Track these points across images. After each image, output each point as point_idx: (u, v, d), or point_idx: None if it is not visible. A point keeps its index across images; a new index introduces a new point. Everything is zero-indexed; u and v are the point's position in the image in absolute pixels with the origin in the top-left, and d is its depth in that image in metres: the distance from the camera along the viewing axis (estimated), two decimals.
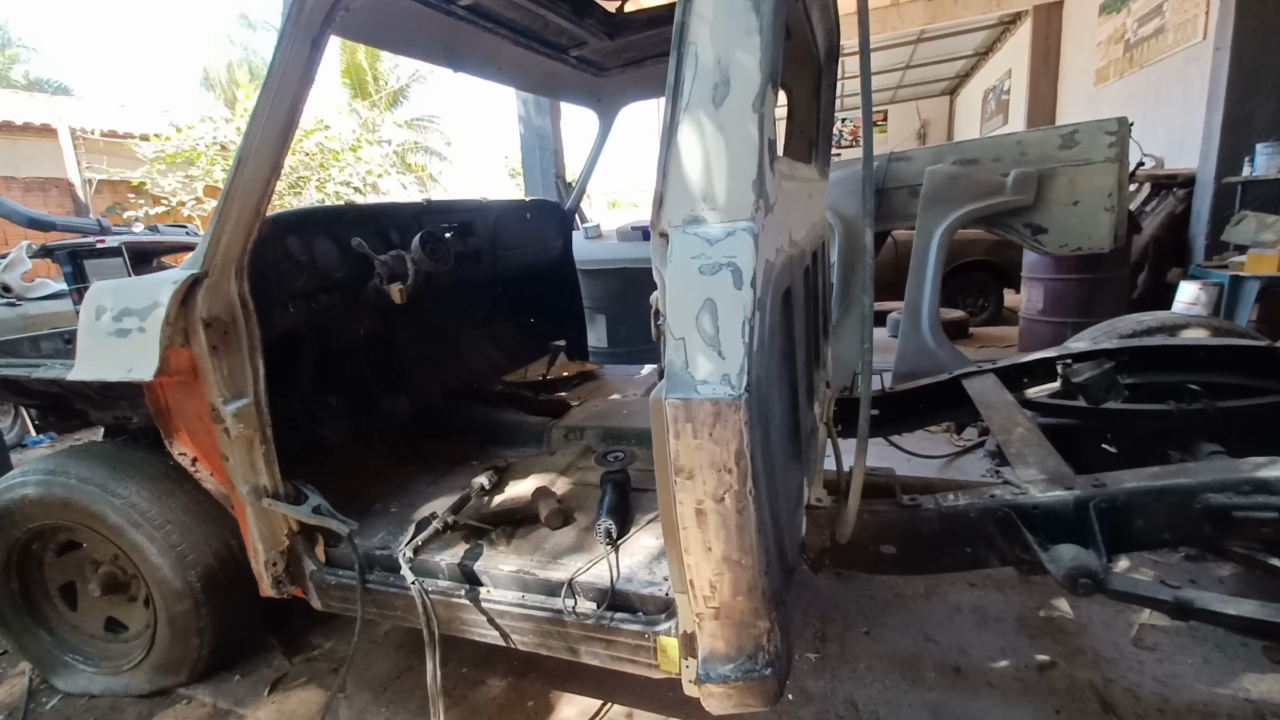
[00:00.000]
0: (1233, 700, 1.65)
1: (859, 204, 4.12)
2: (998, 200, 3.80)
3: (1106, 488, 1.41)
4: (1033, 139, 3.91)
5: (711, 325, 0.99)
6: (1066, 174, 3.80)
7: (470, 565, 1.63)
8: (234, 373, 1.64)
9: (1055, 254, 3.97)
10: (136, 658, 2.04)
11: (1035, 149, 3.85)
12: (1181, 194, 5.56)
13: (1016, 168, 3.84)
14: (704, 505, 1.06)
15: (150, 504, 1.93)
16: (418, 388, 2.62)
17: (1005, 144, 3.97)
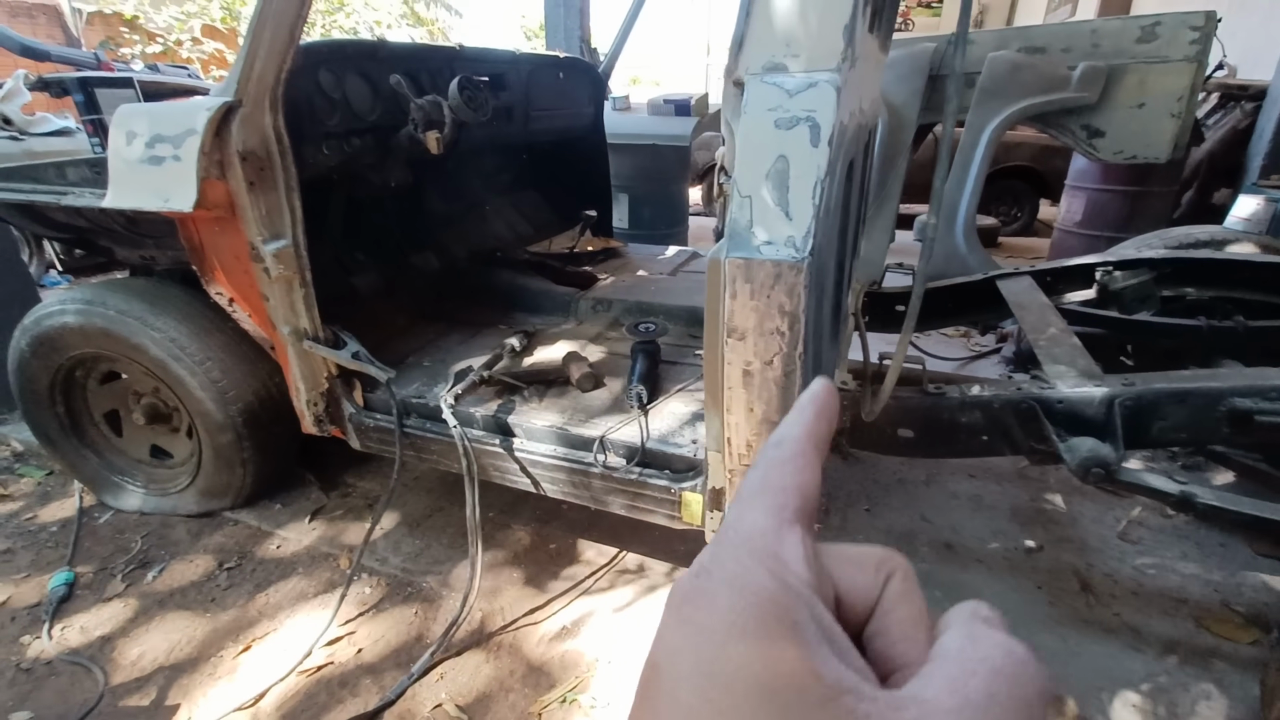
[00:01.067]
0: (1203, 590, 1.79)
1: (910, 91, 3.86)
2: (1059, 96, 3.55)
3: (1135, 386, 1.44)
4: (1109, 28, 3.59)
5: (781, 184, 0.97)
6: (1138, 72, 3.52)
7: (504, 418, 1.70)
8: (271, 212, 1.62)
9: (1108, 161, 3.77)
10: (183, 482, 2.19)
11: (1110, 40, 3.54)
12: (1249, 108, 5.18)
13: (1086, 60, 3.55)
14: (752, 367, 1.08)
15: (190, 340, 1.98)
16: (445, 248, 2.59)
17: (1078, 32, 3.65)
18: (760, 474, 0.25)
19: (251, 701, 1.50)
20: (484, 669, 1.58)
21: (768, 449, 0.26)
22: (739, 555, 0.22)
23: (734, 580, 0.21)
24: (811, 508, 0.24)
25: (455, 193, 2.83)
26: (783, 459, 0.25)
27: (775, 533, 0.22)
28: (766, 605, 0.20)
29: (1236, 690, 1.48)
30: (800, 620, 0.20)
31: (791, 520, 0.23)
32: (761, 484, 0.24)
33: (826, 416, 0.27)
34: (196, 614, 1.78)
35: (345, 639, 1.68)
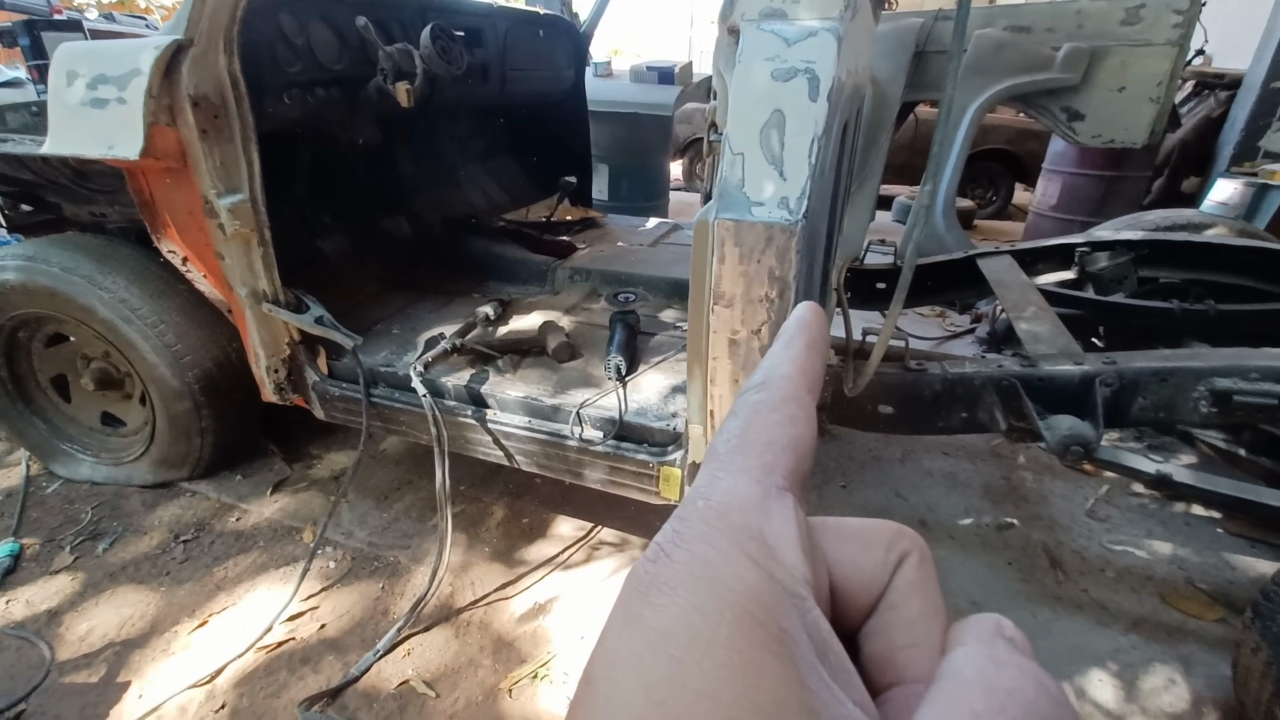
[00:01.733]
0: (1168, 568, 1.82)
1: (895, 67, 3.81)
2: (1043, 76, 3.53)
3: (1116, 364, 1.43)
4: (1094, 9, 3.56)
5: (777, 141, 0.91)
6: (1120, 55, 3.52)
7: (477, 388, 1.63)
8: (227, 163, 1.51)
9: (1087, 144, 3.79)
10: (137, 451, 2.08)
11: (1094, 21, 3.53)
12: (1223, 97, 5.26)
13: (1070, 41, 3.54)
14: (738, 335, 1.04)
15: (142, 301, 1.87)
16: (417, 213, 2.49)
17: (1064, 12, 3.63)
18: (741, 424, 0.19)
19: (207, 679, 1.44)
20: (453, 644, 1.54)
21: (749, 391, 0.20)
22: (711, 535, 0.16)
23: (703, 570, 0.15)
24: (806, 468, 0.19)
25: (428, 155, 2.71)
26: (770, 404, 0.19)
27: (759, 505, 0.17)
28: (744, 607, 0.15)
29: (1202, 667, 1.51)
30: (789, 629, 0.15)
31: (781, 486, 0.18)
32: (742, 437, 0.19)
33: (819, 349, 0.21)
34: (150, 588, 1.70)
35: (308, 614, 1.62)
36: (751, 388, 0.21)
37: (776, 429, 0.19)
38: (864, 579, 0.19)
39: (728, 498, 0.17)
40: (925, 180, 1.11)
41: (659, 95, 4.16)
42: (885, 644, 0.19)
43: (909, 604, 0.19)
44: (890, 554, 0.20)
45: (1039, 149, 5.61)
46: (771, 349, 0.22)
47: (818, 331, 0.22)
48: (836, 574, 0.19)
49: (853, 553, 0.19)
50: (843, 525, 0.20)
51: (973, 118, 3.74)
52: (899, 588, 0.19)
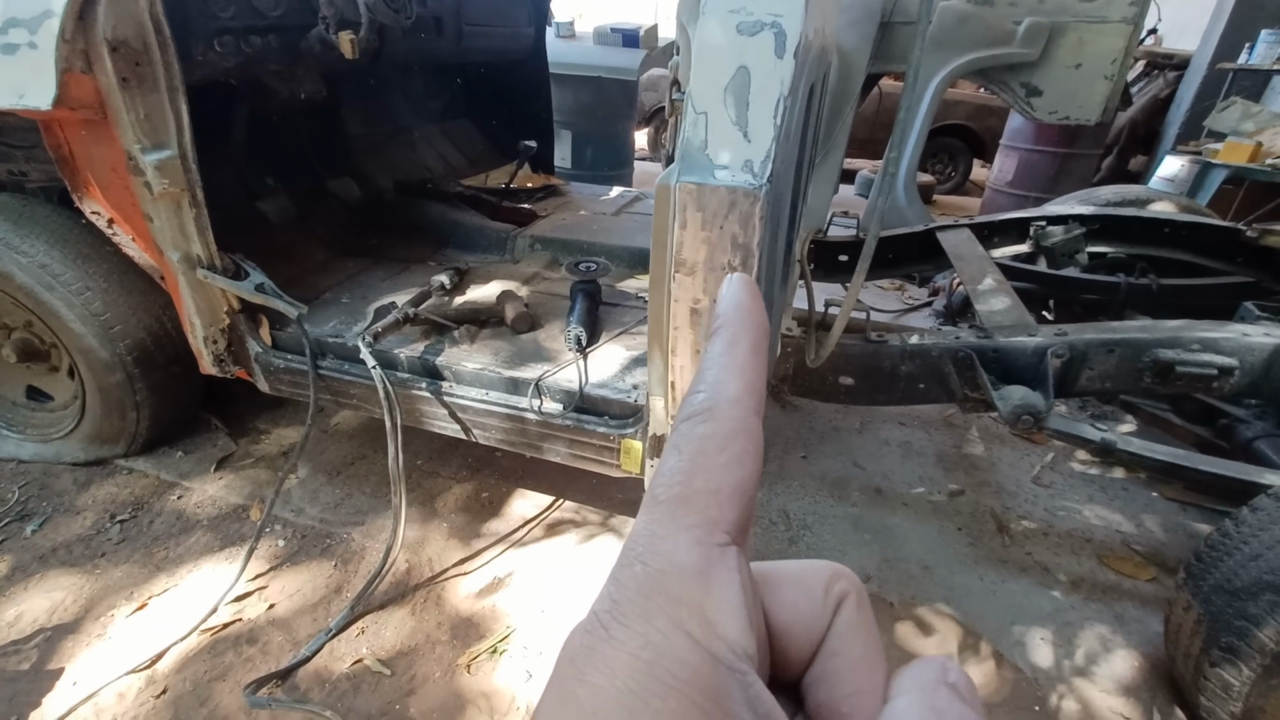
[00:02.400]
0: (1106, 531, 1.91)
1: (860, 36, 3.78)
2: (1004, 51, 3.55)
3: (1067, 336, 1.46)
4: None
5: (740, 100, 0.87)
6: (1078, 31, 3.55)
7: (432, 360, 1.58)
8: (152, 116, 1.39)
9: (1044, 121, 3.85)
10: (67, 427, 1.96)
11: None
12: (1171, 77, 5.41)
13: (1031, 16, 3.57)
14: (700, 305, 1.01)
15: (64, 267, 1.74)
16: (367, 176, 2.37)
17: None
18: (685, 465, 0.18)
19: (147, 663, 1.37)
20: (409, 622, 1.51)
21: (693, 420, 0.18)
22: (649, 610, 0.16)
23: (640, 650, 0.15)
24: (752, 512, 0.18)
25: (379, 114, 2.57)
26: (717, 441, 0.18)
27: (702, 573, 0.16)
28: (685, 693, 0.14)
29: (1135, 625, 1.59)
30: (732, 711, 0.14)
31: (724, 543, 0.17)
32: (685, 484, 0.17)
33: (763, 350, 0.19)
34: (83, 571, 1.61)
35: (255, 594, 1.56)
36: (696, 414, 0.18)
37: (723, 473, 0.17)
38: (804, 625, 0.19)
39: (667, 565, 0.16)
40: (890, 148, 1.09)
41: (623, 59, 4.04)
42: (828, 693, 0.18)
43: (850, 648, 0.19)
44: (829, 597, 0.19)
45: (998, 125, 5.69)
46: (711, 349, 0.20)
47: (759, 326, 0.20)
48: (777, 621, 0.19)
49: (793, 598, 0.19)
50: (781, 571, 0.20)
51: (935, 91, 3.74)
52: (839, 632, 0.19)
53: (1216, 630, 1.17)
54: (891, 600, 1.64)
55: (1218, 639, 1.17)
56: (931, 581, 1.71)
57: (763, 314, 0.20)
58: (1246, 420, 1.83)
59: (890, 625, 1.57)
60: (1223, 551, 1.21)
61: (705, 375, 0.19)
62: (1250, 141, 3.30)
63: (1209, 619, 1.19)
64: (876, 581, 1.70)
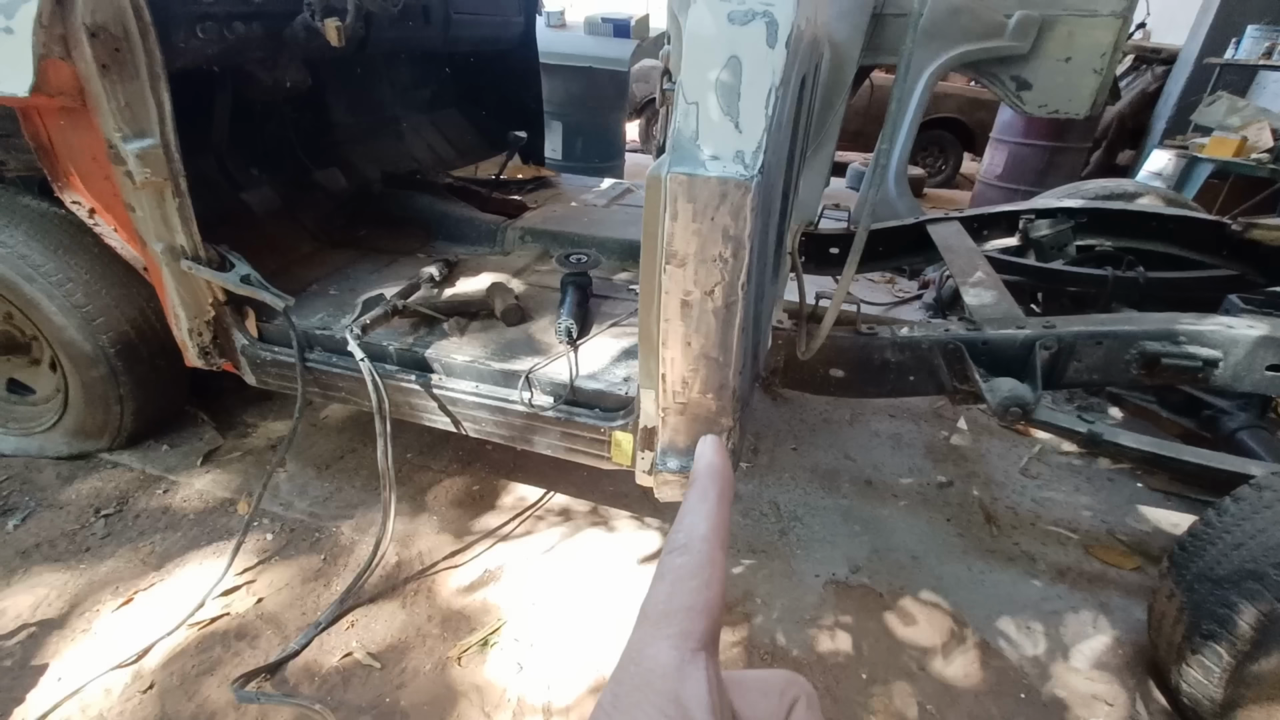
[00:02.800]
0: (1092, 521, 1.93)
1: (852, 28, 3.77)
2: (994, 44, 3.55)
3: (1056, 329, 1.47)
4: None
5: (732, 91, 0.87)
6: (1068, 25, 3.56)
7: (421, 352, 1.56)
8: (133, 104, 1.37)
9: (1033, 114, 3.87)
10: (49, 420, 1.93)
11: None
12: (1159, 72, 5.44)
13: (1022, 9, 3.57)
14: (691, 297, 1.01)
15: (45, 258, 1.71)
16: (354, 166, 2.34)
17: None
18: (666, 590, 0.23)
19: (134, 658, 1.36)
20: (399, 615, 1.50)
21: (674, 556, 0.24)
22: (640, 701, 0.21)
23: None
24: (719, 625, 0.23)
25: (365, 104, 2.54)
26: (691, 570, 0.23)
27: (679, 671, 0.21)
28: None
29: (1119, 613, 1.62)
30: None
31: (696, 649, 0.22)
32: (667, 604, 0.23)
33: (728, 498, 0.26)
34: (67, 566, 1.59)
35: (244, 588, 1.55)
36: (675, 549, 0.24)
37: (695, 595, 0.23)
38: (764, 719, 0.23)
39: (653, 666, 0.21)
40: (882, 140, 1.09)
41: (614, 49, 4.01)
42: None
43: None
44: (784, 699, 0.24)
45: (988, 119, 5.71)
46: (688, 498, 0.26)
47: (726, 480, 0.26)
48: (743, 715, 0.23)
49: (754, 699, 0.24)
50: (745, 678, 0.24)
51: (927, 83, 3.74)
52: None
53: (1199, 618, 1.19)
54: (881, 591, 1.66)
55: (1200, 626, 1.19)
56: (920, 571, 1.72)
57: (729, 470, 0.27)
58: (1230, 412, 1.85)
59: (879, 615, 1.59)
60: (1205, 540, 1.23)
61: (683, 520, 0.25)
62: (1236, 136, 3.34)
63: (1191, 606, 1.21)
64: (866, 572, 1.71)
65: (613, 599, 1.58)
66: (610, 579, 1.64)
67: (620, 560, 1.71)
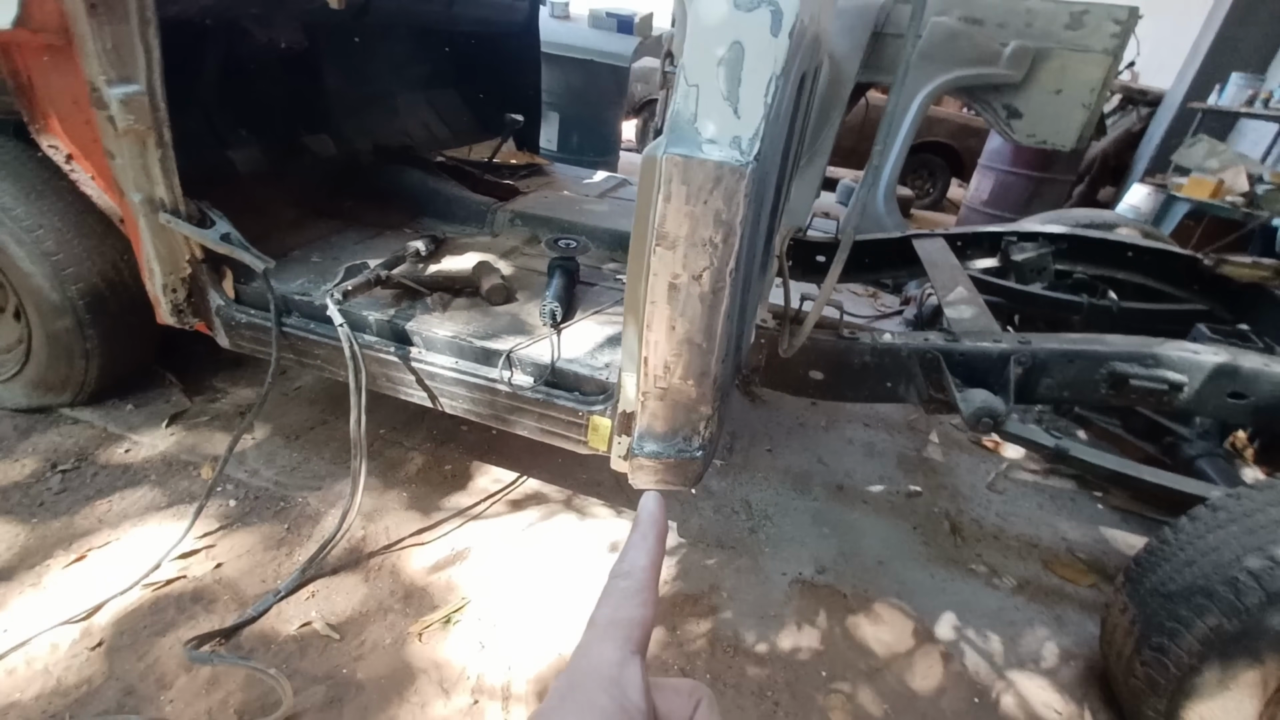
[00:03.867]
0: (1052, 537, 1.97)
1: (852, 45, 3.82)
2: (989, 71, 3.64)
3: (1031, 345, 1.51)
4: (1043, 10, 3.68)
5: (733, 75, 0.87)
6: (1061, 58, 3.66)
7: (402, 324, 1.54)
8: (120, 47, 1.33)
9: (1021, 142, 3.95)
10: (9, 371, 1.87)
11: (1042, 21, 3.65)
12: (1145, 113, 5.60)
13: (1017, 39, 3.66)
14: (679, 280, 1.01)
15: (16, 201, 1.66)
16: (345, 135, 2.31)
17: (1015, 10, 3.72)
18: (612, 607, 0.30)
19: (84, 615, 1.32)
20: (361, 589, 1.48)
21: (618, 580, 0.31)
22: (588, 683, 0.26)
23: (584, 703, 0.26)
24: (648, 637, 0.29)
25: (361, 74, 2.51)
26: (631, 591, 0.30)
27: (620, 664, 0.27)
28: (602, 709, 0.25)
29: (1073, 626, 1.65)
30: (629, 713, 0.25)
31: (634, 651, 0.28)
32: (611, 617, 0.29)
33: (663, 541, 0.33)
34: (18, 519, 1.54)
35: (203, 552, 1.52)
36: (620, 575, 0.31)
37: (635, 611, 0.29)
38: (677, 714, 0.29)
39: (600, 659, 0.27)
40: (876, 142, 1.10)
41: (617, 44, 4.01)
42: None
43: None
44: (690, 699, 0.29)
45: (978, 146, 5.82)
46: (631, 537, 0.32)
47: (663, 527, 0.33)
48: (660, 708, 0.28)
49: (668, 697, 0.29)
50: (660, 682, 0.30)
51: (921, 104, 3.81)
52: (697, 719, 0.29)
53: (1149, 631, 1.22)
54: (845, 591, 1.67)
55: (1149, 639, 1.22)
56: (885, 576, 1.74)
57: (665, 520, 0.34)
58: (1189, 439, 1.91)
59: (842, 615, 1.60)
60: (1160, 557, 1.26)
61: (627, 554, 0.32)
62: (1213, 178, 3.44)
63: (1143, 620, 1.24)
64: (832, 573, 1.73)
65: (579, 584, 1.58)
66: (578, 565, 1.64)
67: (589, 547, 1.70)
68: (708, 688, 0.30)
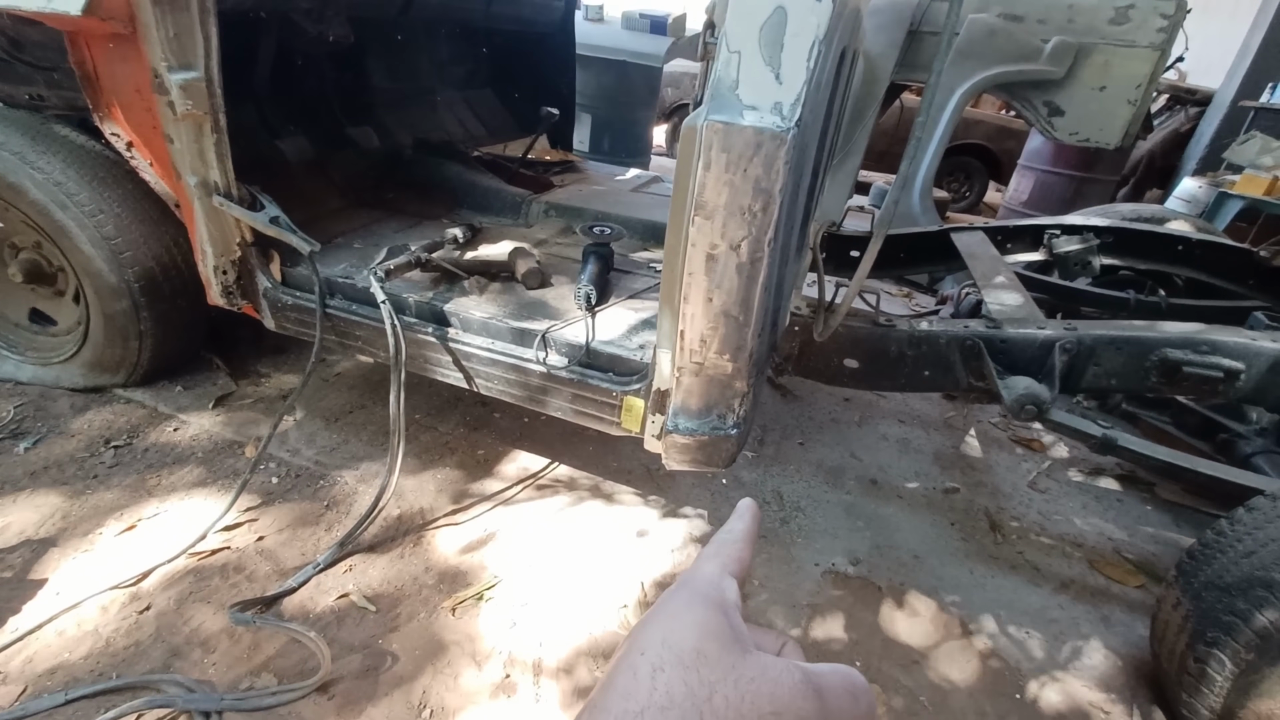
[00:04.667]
0: (1098, 538, 1.91)
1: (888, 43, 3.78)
2: (1030, 68, 3.56)
3: (1077, 331, 1.46)
4: (1085, 5, 3.59)
5: (775, 41, 0.87)
6: (1105, 54, 3.57)
7: (440, 306, 1.57)
8: (181, 35, 1.39)
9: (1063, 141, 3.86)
10: (68, 351, 1.96)
11: (1084, 17, 3.56)
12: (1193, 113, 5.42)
13: (1059, 35, 3.58)
14: (717, 250, 1.01)
15: (79, 187, 1.74)
16: (387, 129, 2.37)
17: (1056, 5, 3.65)
18: (715, 545, 0.36)
19: (133, 580, 1.37)
20: (396, 565, 1.51)
21: (721, 534, 0.37)
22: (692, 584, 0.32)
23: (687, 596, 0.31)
24: (744, 572, 0.35)
25: (404, 72, 2.57)
26: (731, 541, 0.36)
27: (719, 577, 0.33)
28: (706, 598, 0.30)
29: (1120, 626, 1.59)
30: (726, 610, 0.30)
31: (733, 573, 0.33)
32: (716, 550, 0.35)
33: (757, 529, 0.38)
34: (74, 490, 1.61)
35: (245, 525, 1.56)
36: (722, 534, 0.37)
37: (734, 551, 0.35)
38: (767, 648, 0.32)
39: (704, 573, 0.33)
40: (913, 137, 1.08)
41: (649, 45, 4.05)
42: None
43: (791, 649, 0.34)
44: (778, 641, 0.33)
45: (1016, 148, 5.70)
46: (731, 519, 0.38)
47: (757, 512, 0.39)
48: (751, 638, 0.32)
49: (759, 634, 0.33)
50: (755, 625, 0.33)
51: (958, 101, 3.75)
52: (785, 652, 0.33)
53: (1204, 626, 1.17)
54: (880, 584, 1.64)
55: (1204, 634, 1.17)
56: (921, 570, 1.70)
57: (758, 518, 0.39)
58: (1246, 436, 1.83)
59: (876, 607, 1.57)
60: (1216, 549, 1.21)
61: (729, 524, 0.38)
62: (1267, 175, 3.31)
63: (1197, 614, 1.19)
64: (866, 565, 1.69)
65: (609, 568, 1.58)
66: (609, 549, 1.64)
67: (620, 532, 1.70)
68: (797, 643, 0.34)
